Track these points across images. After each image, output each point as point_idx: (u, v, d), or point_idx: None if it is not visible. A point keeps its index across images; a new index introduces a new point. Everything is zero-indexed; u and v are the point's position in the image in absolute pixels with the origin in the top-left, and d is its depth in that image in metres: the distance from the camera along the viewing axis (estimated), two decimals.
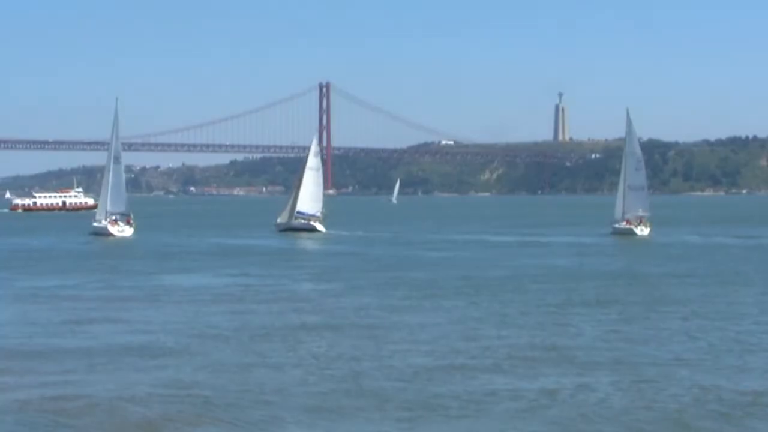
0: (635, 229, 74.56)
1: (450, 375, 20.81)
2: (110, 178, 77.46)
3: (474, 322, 28.42)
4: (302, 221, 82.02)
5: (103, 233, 76.10)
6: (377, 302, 33.49)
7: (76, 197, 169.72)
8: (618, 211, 76.57)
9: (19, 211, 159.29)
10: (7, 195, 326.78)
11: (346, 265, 49.99)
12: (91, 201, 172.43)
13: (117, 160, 77.75)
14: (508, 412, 17.79)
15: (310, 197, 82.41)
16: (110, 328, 28.05)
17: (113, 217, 77.31)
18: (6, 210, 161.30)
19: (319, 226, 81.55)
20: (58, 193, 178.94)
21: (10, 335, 26.68)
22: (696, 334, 26.29)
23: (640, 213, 75.43)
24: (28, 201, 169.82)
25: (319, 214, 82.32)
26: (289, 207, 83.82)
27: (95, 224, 78.66)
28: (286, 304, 33.25)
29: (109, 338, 26.01)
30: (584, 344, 24.68)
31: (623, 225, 75.75)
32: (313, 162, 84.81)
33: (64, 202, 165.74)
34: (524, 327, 27.63)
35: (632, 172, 76.03)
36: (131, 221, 77.63)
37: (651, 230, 75.17)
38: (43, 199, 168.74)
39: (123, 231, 76.29)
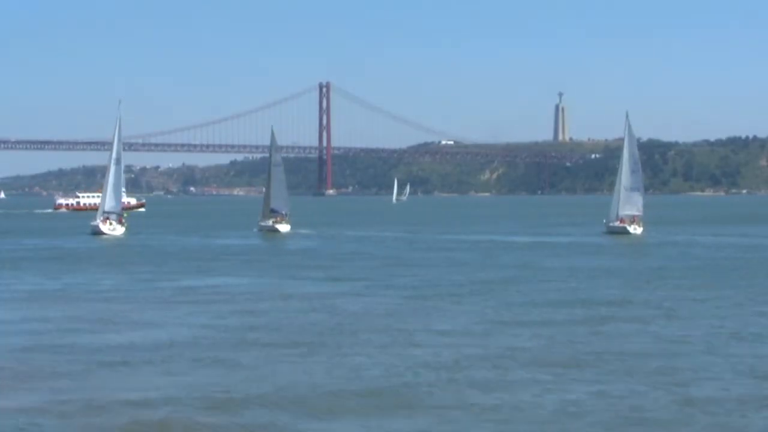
0: (629, 228, 75.60)
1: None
2: (110, 178, 78.38)
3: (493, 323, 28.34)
4: (270, 222, 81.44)
5: (99, 232, 77.06)
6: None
7: None
8: (613, 211, 77.71)
9: (63, 210, 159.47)
10: (1, 195, 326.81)
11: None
12: (133, 201, 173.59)
13: (117, 161, 78.90)
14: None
15: (277, 195, 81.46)
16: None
17: (105, 216, 78.27)
18: (50, 210, 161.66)
19: (282, 227, 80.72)
20: (101, 193, 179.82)
21: None
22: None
23: (635, 213, 76.48)
24: (71, 201, 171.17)
25: (285, 212, 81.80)
26: (263, 206, 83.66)
27: (92, 223, 79.39)
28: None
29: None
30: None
31: (617, 224, 76.73)
32: (274, 158, 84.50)
33: None
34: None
35: (629, 174, 77.40)
36: (123, 220, 78.95)
37: (643, 229, 76.12)
38: (87, 198, 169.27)
39: (114, 230, 77.26)
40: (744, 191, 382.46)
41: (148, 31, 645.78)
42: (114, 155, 78.69)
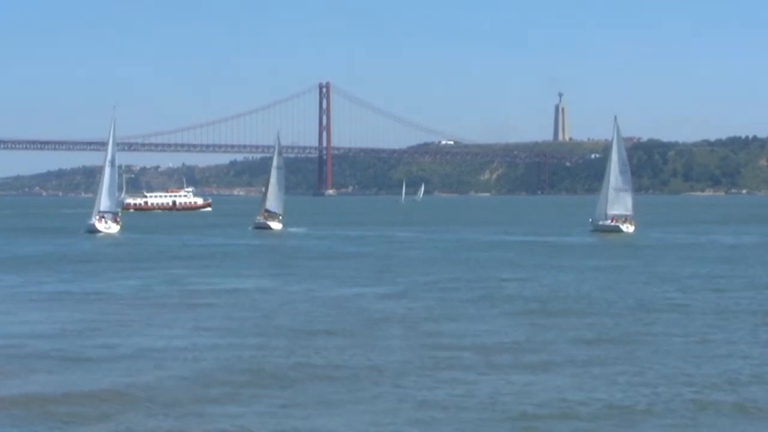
0: (621, 227, 76.35)
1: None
2: (105, 179, 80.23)
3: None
4: (261, 219, 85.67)
5: (94, 230, 78.81)
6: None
7: (186, 197, 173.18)
8: (601, 210, 78.33)
9: (131, 210, 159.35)
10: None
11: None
12: (200, 201, 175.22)
13: (112, 163, 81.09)
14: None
15: (274, 196, 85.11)
16: None
17: (100, 215, 79.92)
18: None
19: (274, 225, 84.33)
20: (168, 192, 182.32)
21: None
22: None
23: (624, 212, 77.38)
24: (139, 200, 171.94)
25: (278, 212, 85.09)
26: (261, 205, 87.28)
27: (88, 222, 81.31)
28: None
29: None
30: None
31: (609, 223, 77.40)
32: (276, 160, 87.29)
33: (174, 202, 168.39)
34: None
35: (617, 175, 78.52)
36: (118, 219, 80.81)
37: (635, 228, 76.96)
38: (154, 198, 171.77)
39: (109, 228, 79.24)
40: (744, 191, 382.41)
41: (148, 31, 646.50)
42: (109, 157, 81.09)
